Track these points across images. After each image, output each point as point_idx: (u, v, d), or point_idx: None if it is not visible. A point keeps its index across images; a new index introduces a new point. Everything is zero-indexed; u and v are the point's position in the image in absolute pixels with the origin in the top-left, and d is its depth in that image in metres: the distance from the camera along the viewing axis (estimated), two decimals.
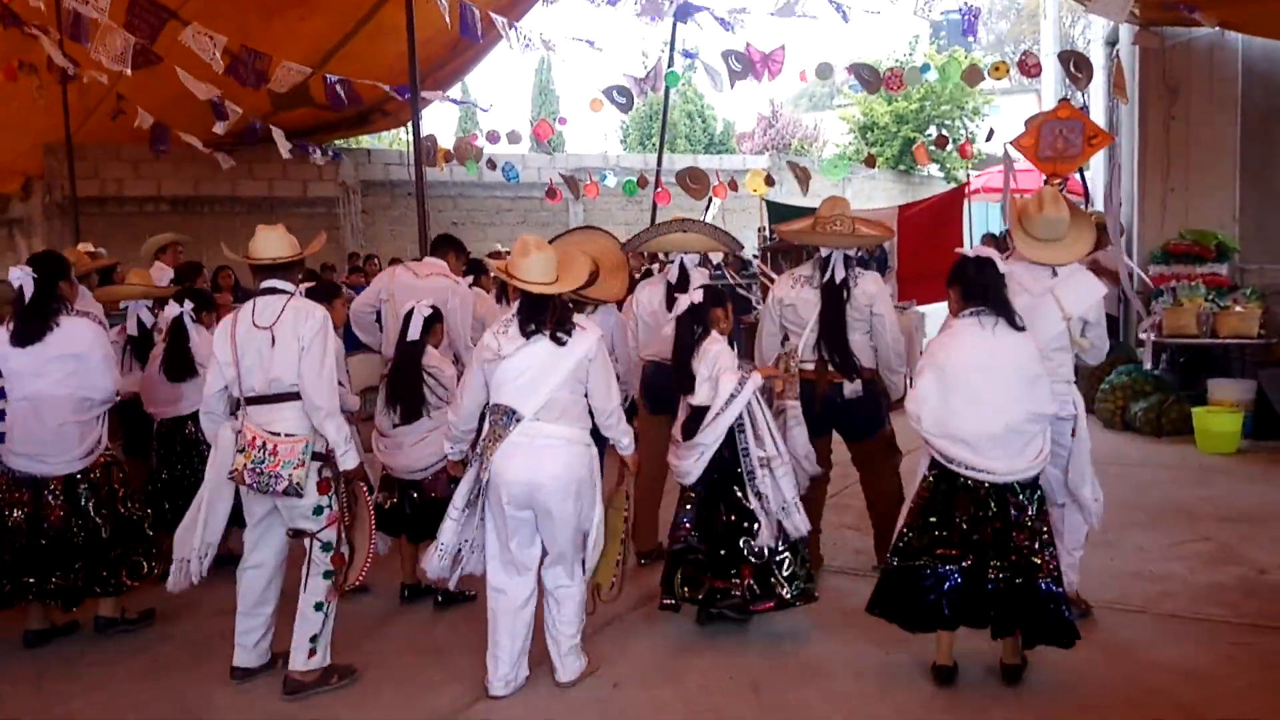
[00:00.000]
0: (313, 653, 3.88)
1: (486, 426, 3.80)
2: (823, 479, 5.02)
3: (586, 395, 3.81)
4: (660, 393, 5.31)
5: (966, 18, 10.11)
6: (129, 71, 7.95)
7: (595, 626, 4.34)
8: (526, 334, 3.70)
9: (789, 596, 4.25)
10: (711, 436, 4.21)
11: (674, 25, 11.83)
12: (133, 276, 6.01)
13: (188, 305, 5.25)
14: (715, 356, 4.29)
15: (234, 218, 14.23)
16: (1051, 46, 15.18)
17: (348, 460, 3.88)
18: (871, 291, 4.82)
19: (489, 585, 3.90)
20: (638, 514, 5.54)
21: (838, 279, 4.77)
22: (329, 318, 3.95)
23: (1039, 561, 3.67)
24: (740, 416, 4.21)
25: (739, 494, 4.25)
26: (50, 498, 4.31)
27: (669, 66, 12.21)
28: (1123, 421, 8.57)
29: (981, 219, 19.82)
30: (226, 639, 4.14)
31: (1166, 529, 5.62)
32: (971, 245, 11.88)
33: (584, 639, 3.98)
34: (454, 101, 14.52)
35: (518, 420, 3.68)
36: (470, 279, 6.40)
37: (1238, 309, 8.31)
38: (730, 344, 4.51)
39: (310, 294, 4.37)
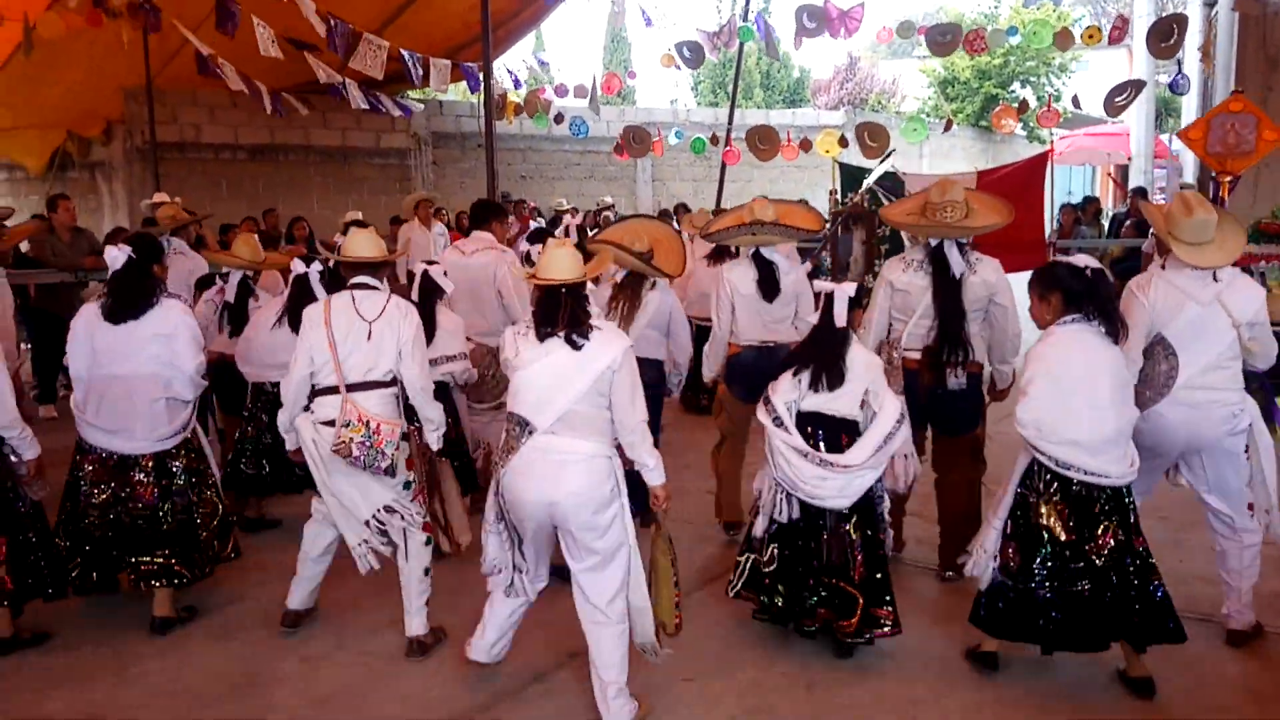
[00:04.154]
0: (429, 616, 4.20)
1: (502, 436, 3.55)
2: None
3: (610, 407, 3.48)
4: (757, 380, 4.97)
5: None
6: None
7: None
8: (541, 336, 3.45)
9: (895, 620, 3.99)
10: (877, 462, 3.96)
11: None
12: (240, 244, 5.98)
13: (315, 266, 5.25)
14: (872, 369, 4.09)
15: (309, 166, 14.45)
16: (1146, 6, 14.52)
17: (434, 440, 4.27)
18: (991, 280, 4.61)
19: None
20: (722, 491, 5.52)
21: (955, 272, 4.56)
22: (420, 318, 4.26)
23: (1154, 563, 3.72)
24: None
25: (856, 519, 4.00)
26: (141, 475, 4.32)
27: (743, 20, 11.95)
28: None
29: (1064, 184, 19.24)
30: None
31: None
32: (1053, 214, 11.54)
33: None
34: (541, 67, 14.38)
35: (530, 433, 3.41)
36: (539, 248, 6.38)
37: None
38: None
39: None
